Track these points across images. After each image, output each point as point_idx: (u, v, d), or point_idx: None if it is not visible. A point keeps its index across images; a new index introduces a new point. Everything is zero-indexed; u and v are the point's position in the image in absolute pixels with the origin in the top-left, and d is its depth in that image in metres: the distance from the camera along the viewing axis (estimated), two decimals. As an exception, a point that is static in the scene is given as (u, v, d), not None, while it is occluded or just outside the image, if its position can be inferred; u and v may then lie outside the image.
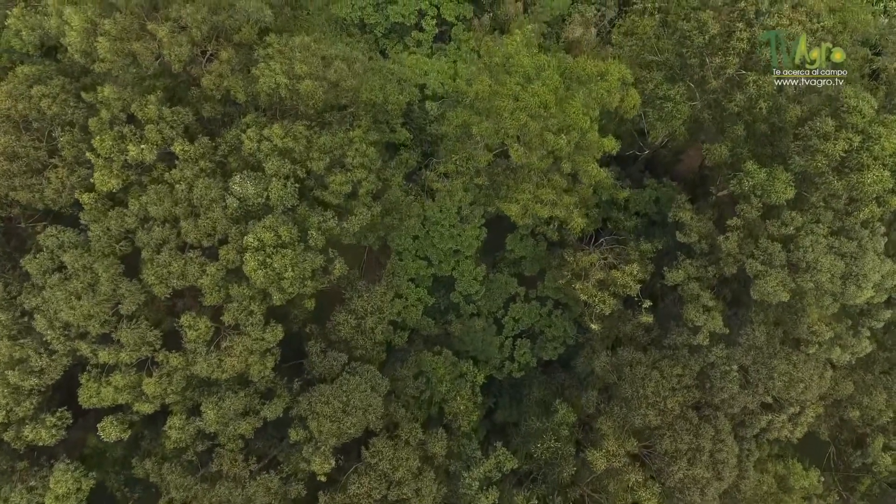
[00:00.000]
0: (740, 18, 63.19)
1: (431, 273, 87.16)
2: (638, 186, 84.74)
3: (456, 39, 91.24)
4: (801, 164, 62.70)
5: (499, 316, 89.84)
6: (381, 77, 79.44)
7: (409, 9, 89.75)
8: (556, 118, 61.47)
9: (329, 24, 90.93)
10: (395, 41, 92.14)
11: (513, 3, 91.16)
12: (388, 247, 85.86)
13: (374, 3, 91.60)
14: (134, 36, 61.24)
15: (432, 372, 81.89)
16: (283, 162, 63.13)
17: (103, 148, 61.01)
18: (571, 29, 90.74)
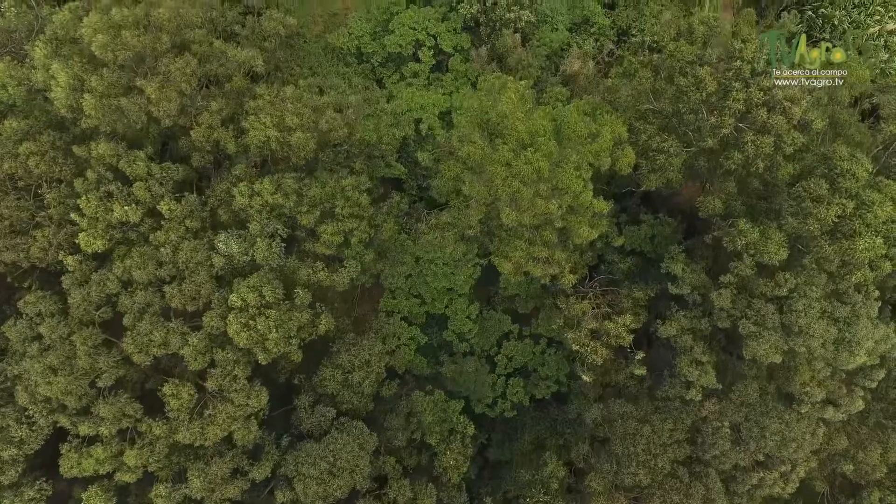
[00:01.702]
0: (736, 77, 62.23)
1: (425, 311, 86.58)
2: (634, 221, 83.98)
3: (453, 70, 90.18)
4: (794, 226, 61.75)
5: (492, 354, 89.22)
6: (375, 116, 78.60)
7: (406, 39, 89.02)
8: (549, 182, 60.69)
9: (326, 54, 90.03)
10: (392, 70, 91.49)
11: (511, 36, 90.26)
12: (381, 283, 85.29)
13: (371, 32, 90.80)
14: (121, 91, 60.51)
15: (423, 413, 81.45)
16: (269, 220, 62.38)
17: (88, 208, 60.39)
18: (569, 62, 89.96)
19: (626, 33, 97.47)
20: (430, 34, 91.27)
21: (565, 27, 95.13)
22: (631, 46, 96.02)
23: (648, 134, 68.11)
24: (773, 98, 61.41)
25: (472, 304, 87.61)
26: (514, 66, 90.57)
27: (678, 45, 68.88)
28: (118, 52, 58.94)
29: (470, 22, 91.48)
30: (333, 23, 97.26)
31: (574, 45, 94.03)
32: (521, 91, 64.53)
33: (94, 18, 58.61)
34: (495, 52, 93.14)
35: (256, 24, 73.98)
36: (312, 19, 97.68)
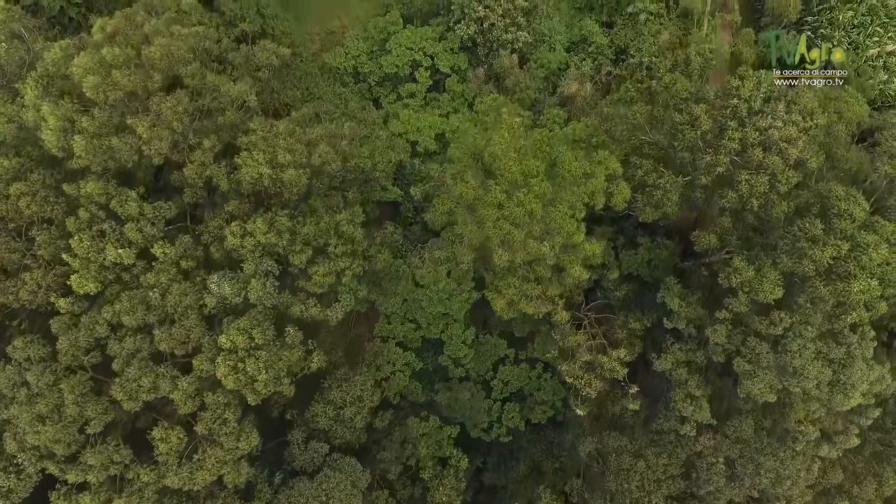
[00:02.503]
0: (732, 116, 61.78)
1: (420, 335, 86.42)
2: (631, 243, 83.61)
3: (450, 91, 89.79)
4: (788, 265, 61.35)
5: (488, 378, 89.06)
6: (370, 142, 78.21)
7: (402, 60, 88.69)
8: (542, 223, 60.34)
9: (322, 74, 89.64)
10: (389, 90, 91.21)
11: (508, 56, 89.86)
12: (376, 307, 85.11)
13: (367, 51, 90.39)
14: (112, 130, 60.10)
15: (418, 440, 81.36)
16: (263, 259, 62.00)
17: (81, 249, 59.99)
18: (567, 84, 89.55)
19: (625, 52, 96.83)
20: (427, 54, 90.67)
21: (563, 47, 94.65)
22: (629, 67, 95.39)
23: (645, 169, 67.72)
24: (769, 138, 60.67)
25: (468, 328, 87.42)
26: (511, 88, 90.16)
27: (674, 77, 68.41)
28: (109, 93, 58.31)
29: (467, 42, 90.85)
30: (330, 41, 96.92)
31: (572, 66, 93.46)
32: (514, 128, 63.73)
33: (84, 59, 58.08)
34: (493, 72, 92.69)
35: (251, 52, 73.22)
36: (309, 37, 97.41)
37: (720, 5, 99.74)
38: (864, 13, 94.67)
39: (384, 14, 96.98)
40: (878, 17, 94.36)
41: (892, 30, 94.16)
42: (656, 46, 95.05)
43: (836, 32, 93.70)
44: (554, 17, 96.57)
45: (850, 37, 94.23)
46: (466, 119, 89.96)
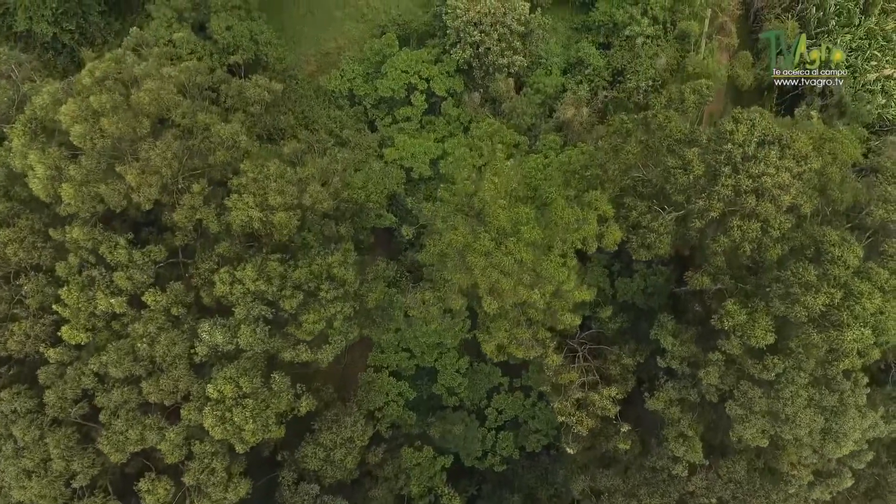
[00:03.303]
0: (727, 161, 61.23)
1: (414, 364, 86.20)
2: (627, 268, 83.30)
3: (446, 114, 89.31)
4: (781, 310, 61.00)
5: (482, 406, 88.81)
6: (364, 174, 77.90)
7: (398, 83, 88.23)
8: (532, 272, 60.00)
9: (317, 97, 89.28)
10: (385, 112, 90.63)
11: (504, 80, 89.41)
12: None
13: (363, 74, 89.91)
14: (101, 177, 59.74)
15: (411, 469, 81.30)
16: (254, 304, 61.68)
17: (71, 299, 59.67)
18: (563, 109, 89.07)
19: (622, 74, 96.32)
20: (422, 77, 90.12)
21: (559, 69, 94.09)
22: (626, 90, 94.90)
23: (639, 211, 67.23)
24: (762, 185, 60.21)
25: (462, 357, 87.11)
26: (507, 113, 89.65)
27: (668, 115, 67.94)
28: (96, 141, 57.92)
29: (463, 65, 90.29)
30: (326, 62, 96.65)
31: (569, 91, 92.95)
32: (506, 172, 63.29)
33: (71, 107, 57.71)
34: (489, 95, 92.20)
35: (243, 86, 72.78)
36: (305, 59, 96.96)
37: (717, 28, 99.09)
38: (862, 36, 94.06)
39: (380, 35, 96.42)
40: (877, 40, 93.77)
41: (890, 53, 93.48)
42: (653, 70, 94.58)
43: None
44: (551, 39, 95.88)
45: (849, 60, 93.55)
46: (462, 144, 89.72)
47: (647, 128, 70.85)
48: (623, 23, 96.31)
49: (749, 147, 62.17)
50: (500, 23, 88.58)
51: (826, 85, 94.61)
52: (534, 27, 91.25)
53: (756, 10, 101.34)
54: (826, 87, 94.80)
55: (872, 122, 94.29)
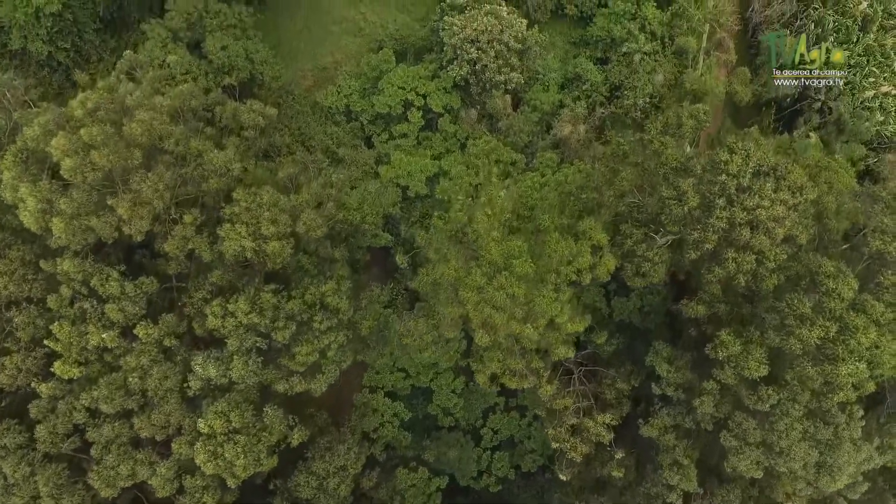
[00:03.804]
0: (721, 193, 60.88)
1: (410, 384, 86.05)
2: (624, 288, 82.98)
3: (442, 131, 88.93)
4: (776, 342, 60.76)
5: (477, 426, 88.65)
6: (360, 195, 77.59)
7: (395, 100, 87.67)
8: (525, 306, 59.74)
9: (314, 113, 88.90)
10: (382, 128, 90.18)
11: (501, 97, 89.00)
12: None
13: (360, 90, 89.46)
14: (92, 209, 59.46)
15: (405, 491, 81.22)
16: (247, 335, 61.44)
17: (62, 334, 59.47)
18: (560, 126, 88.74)
19: (619, 89, 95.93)
20: (419, 94, 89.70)
21: (557, 84, 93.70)
22: (623, 107, 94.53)
23: (634, 239, 66.91)
24: (757, 217, 59.87)
25: (458, 377, 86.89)
26: (504, 131, 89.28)
27: (664, 142, 67.58)
28: (87, 174, 57.61)
29: (460, 81, 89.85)
30: (323, 77, 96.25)
31: (566, 108, 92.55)
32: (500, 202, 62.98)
33: (61, 141, 57.32)
34: (486, 112, 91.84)
35: (238, 109, 72.43)
36: (302, 74, 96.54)
37: (716, 44, 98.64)
38: (861, 53, 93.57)
39: (377, 50, 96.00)
40: (875, 56, 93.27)
41: (888, 70, 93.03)
42: (651, 86, 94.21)
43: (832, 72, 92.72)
44: (548, 54, 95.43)
45: (847, 77, 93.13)
46: (459, 161, 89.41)
47: (643, 150, 70.48)
48: (621, 38, 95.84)
49: (744, 178, 61.76)
50: (497, 40, 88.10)
51: (824, 102, 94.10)
52: (531, 44, 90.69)
53: (755, 24, 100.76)
54: (824, 103, 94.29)
55: (871, 139, 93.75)
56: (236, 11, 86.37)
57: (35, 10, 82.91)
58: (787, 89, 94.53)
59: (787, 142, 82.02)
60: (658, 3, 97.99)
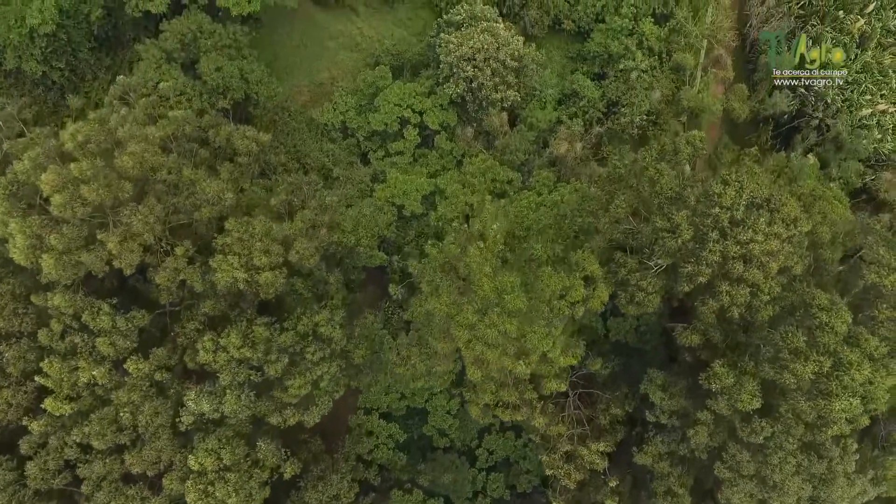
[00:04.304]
0: (714, 225, 60.58)
1: (405, 405, 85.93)
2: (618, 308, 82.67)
3: (439, 148, 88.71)
4: (770, 374, 60.59)
5: (472, 447, 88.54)
6: (354, 219, 77.36)
7: (391, 117, 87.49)
8: (517, 342, 59.53)
9: (310, 130, 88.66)
10: (378, 145, 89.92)
11: (497, 115, 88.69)
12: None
13: (356, 106, 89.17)
14: (82, 244, 59.21)
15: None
16: (240, 370, 61.25)
17: (53, 370, 59.29)
18: (557, 143, 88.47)
19: (616, 105, 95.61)
20: (415, 111, 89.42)
21: (554, 100, 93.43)
22: (620, 124, 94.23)
23: (628, 268, 66.66)
24: (750, 252, 59.62)
25: (452, 398, 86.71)
26: (500, 150, 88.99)
27: (660, 169, 67.27)
28: (77, 209, 57.35)
29: (457, 98, 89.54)
30: (319, 92, 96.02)
31: (563, 125, 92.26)
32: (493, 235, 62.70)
33: (51, 176, 56.96)
34: (482, 129, 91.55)
35: (232, 133, 72.12)
36: (298, 89, 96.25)
37: (713, 61, 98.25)
38: (859, 70, 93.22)
39: (374, 66, 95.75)
40: (872, 74, 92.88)
41: (886, 88, 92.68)
42: (648, 103, 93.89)
43: (829, 90, 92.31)
44: (545, 70, 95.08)
45: (844, 94, 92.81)
46: (455, 180, 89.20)
47: (639, 175, 70.17)
48: (618, 54, 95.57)
49: (737, 211, 61.43)
50: (494, 58, 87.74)
51: (822, 119, 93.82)
52: (527, 62, 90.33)
53: (752, 40, 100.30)
54: (822, 121, 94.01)
55: (868, 157, 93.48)
56: (231, 31, 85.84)
57: (29, 31, 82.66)
58: (784, 106, 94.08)
59: (783, 161, 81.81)
60: (656, 18, 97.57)
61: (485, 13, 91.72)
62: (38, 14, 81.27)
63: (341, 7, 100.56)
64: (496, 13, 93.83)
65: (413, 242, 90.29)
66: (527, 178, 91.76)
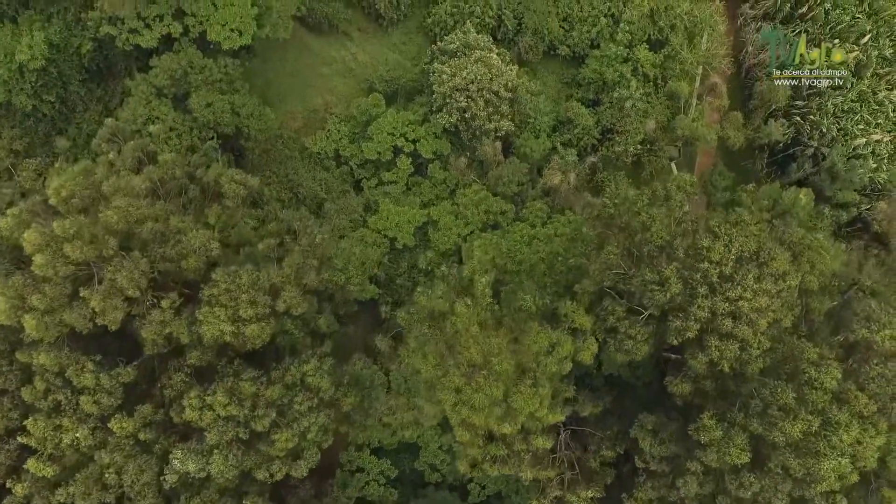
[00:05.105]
0: (703, 281, 60.15)
1: (396, 440, 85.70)
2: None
3: (432, 178, 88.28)
4: (759, 430, 60.26)
5: (464, 481, 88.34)
6: (344, 258, 77.02)
7: (384, 146, 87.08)
8: (502, 405, 59.19)
9: (303, 158, 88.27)
10: (371, 173, 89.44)
11: (491, 145, 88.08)
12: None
13: (349, 134, 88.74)
14: (66, 302, 58.93)
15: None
16: (227, 427, 60.97)
17: (37, 430, 59.08)
18: (550, 174, 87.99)
19: (611, 131, 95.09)
20: (409, 140, 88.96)
21: (549, 127, 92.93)
22: (614, 154, 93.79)
23: (617, 316, 66.26)
24: (739, 309, 59.21)
25: (444, 433, 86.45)
26: (493, 181, 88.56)
27: (651, 215, 66.82)
28: (60, 269, 57.03)
29: (450, 127, 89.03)
30: (313, 118, 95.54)
31: (557, 154, 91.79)
32: (481, 290, 62.28)
33: (33, 236, 56.69)
34: (476, 157, 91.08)
35: (220, 174, 71.78)
36: (291, 115, 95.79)
37: (708, 89, 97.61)
38: (854, 99, 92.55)
39: (368, 92, 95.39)
40: (868, 103, 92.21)
41: (882, 117, 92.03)
42: (642, 133, 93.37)
43: (825, 119, 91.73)
44: (540, 96, 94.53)
45: (840, 123, 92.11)
46: (448, 211, 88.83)
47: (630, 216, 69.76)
48: (613, 81, 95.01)
49: (726, 266, 60.99)
50: (487, 89, 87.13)
51: (817, 148, 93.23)
52: (521, 93, 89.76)
53: (748, 67, 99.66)
54: (817, 149, 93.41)
55: (864, 187, 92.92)
56: (222, 65, 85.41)
57: (19, 67, 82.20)
58: (778, 135, 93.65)
59: (778, 192, 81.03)
60: (651, 45, 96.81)
61: (478, 42, 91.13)
62: (28, 50, 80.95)
63: (335, 33, 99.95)
64: (490, 41, 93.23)
65: (405, 274, 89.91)
66: (520, 208, 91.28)
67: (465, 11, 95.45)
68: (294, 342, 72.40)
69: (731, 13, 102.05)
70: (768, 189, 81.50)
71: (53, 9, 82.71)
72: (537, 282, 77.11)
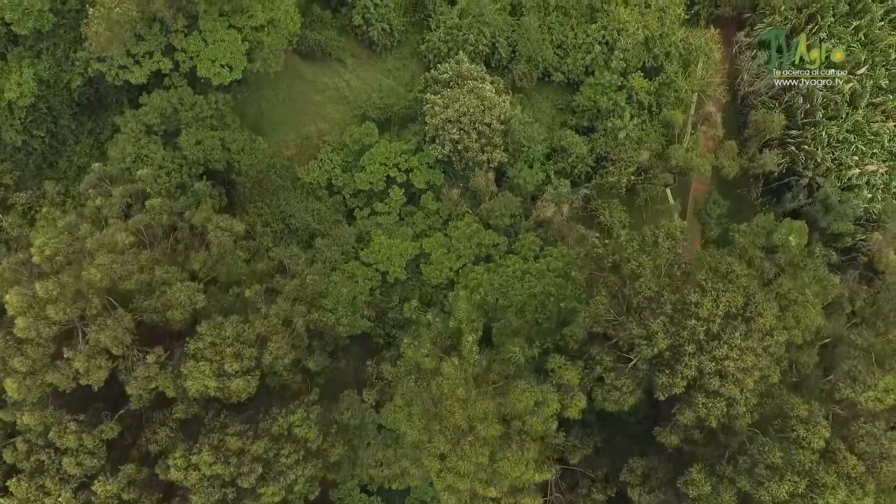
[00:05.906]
0: (690, 338, 59.80)
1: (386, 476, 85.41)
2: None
3: (424, 209, 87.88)
4: (746, 487, 60.05)
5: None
6: (333, 298, 76.70)
7: (376, 177, 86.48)
8: (488, 469, 58.88)
9: (295, 188, 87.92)
10: (364, 202, 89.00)
11: (483, 176, 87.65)
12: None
13: (342, 163, 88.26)
14: (48, 362, 58.76)
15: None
16: (213, 488, 60.82)
17: (19, 491, 59.00)
18: (543, 207, 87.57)
19: (605, 159, 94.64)
20: (401, 170, 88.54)
21: (542, 155, 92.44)
22: (608, 184, 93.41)
23: (604, 366, 65.95)
24: (725, 368, 58.88)
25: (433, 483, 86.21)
26: (486, 213, 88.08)
27: (642, 263, 66.44)
28: (42, 330, 56.83)
29: (443, 158, 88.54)
30: (306, 146, 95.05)
31: (550, 185, 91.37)
32: (469, 347, 61.92)
33: (14, 298, 56.41)
34: (469, 188, 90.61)
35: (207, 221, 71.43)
36: (284, 143, 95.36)
37: (703, 118, 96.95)
38: (849, 129, 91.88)
39: (361, 119, 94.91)
40: (863, 134, 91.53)
41: (876, 147, 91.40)
42: (635, 165, 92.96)
43: (819, 149, 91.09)
44: (533, 124, 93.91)
45: (835, 153, 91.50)
46: (440, 243, 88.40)
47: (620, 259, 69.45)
48: (607, 109, 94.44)
49: (714, 324, 60.62)
50: (480, 121, 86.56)
51: (812, 178, 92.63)
52: (514, 126, 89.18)
53: (743, 95, 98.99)
54: (812, 179, 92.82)
55: (858, 217, 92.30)
56: (212, 100, 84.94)
57: (7, 104, 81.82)
58: (773, 165, 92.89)
59: (772, 223, 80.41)
60: (645, 72, 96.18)
61: (471, 72, 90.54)
62: (16, 87, 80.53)
63: (328, 59, 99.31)
64: (483, 70, 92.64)
65: (397, 308, 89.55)
66: (513, 240, 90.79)
67: (458, 39, 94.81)
68: (284, 383, 72.19)
69: (727, 40, 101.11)
70: (762, 220, 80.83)
71: (43, 45, 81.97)
72: (528, 321, 76.62)
